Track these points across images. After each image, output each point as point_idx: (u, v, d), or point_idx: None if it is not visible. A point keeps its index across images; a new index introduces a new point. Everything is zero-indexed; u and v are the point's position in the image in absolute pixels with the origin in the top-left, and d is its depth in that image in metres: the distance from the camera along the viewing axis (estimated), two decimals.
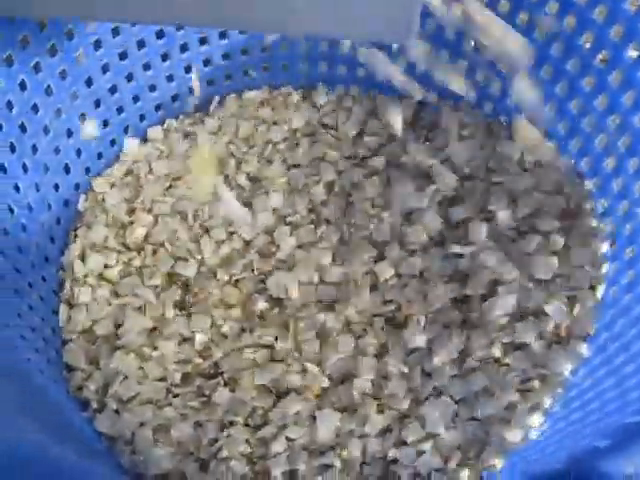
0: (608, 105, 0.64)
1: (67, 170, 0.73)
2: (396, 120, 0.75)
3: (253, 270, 0.71)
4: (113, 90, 0.75)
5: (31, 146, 0.67)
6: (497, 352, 0.63)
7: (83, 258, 0.72)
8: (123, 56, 0.73)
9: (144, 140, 0.80)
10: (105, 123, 0.76)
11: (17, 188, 0.66)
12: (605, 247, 0.66)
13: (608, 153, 0.66)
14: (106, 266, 0.72)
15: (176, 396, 0.65)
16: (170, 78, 0.79)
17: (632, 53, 0.60)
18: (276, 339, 0.67)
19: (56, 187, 0.72)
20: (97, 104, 0.74)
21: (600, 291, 0.65)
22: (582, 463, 0.43)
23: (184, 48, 0.77)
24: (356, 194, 0.74)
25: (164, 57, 0.76)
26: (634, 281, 0.62)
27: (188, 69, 0.79)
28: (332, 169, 0.76)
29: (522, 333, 0.63)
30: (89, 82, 0.71)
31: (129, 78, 0.75)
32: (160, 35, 0.74)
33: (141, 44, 0.73)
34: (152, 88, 0.78)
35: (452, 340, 0.64)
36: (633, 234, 0.63)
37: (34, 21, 0.62)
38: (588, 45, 0.64)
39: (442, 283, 0.67)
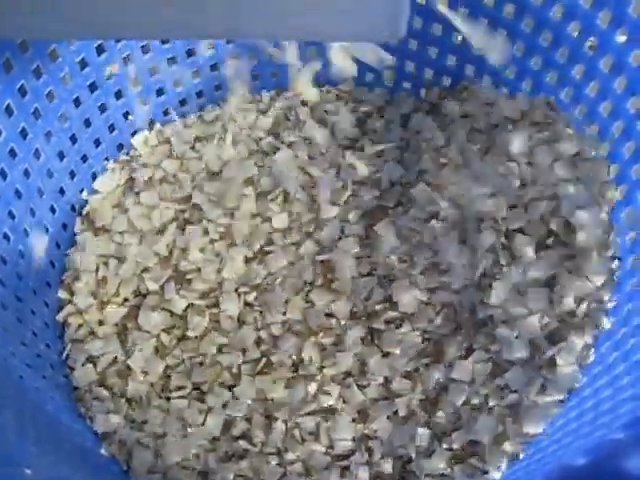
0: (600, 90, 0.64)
1: (62, 192, 0.73)
2: None
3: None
4: (103, 108, 0.74)
5: (23, 171, 0.66)
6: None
7: (82, 281, 0.72)
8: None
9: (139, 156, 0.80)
10: (97, 142, 0.76)
11: (12, 215, 0.65)
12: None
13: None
14: (104, 289, 0.71)
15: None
16: (160, 92, 0.79)
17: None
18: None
19: (52, 210, 0.71)
20: (87, 124, 0.73)
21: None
22: (598, 459, 0.42)
23: (172, 60, 0.76)
24: None
25: (152, 72, 0.76)
26: None
27: (177, 83, 0.79)
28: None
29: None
30: (77, 102, 0.71)
31: (118, 95, 0.75)
32: (146, 50, 0.73)
33: (127, 60, 0.73)
34: (143, 102, 0.78)
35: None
36: None
37: (16, 42, 0.61)
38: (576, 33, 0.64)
39: None
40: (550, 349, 0.61)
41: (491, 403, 0.61)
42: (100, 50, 0.70)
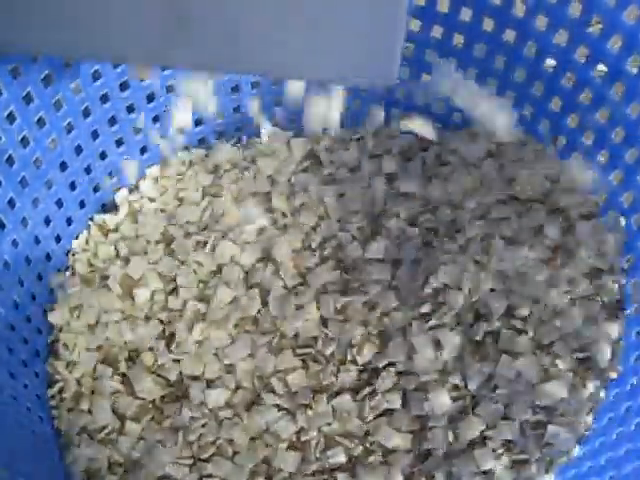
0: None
1: (49, 258, 0.71)
2: None
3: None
4: (88, 170, 0.73)
5: (11, 242, 0.65)
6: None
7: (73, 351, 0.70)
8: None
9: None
10: (82, 204, 0.75)
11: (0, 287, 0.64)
12: None
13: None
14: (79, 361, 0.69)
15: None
16: (143, 150, 0.78)
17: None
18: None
19: (39, 278, 0.70)
20: (73, 187, 0.72)
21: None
22: None
23: (156, 119, 0.76)
24: None
25: (135, 132, 0.75)
26: None
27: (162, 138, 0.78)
28: None
29: None
30: (64, 166, 0.70)
31: (102, 156, 0.74)
32: (130, 110, 0.73)
33: (112, 121, 0.73)
34: (143, 150, 0.78)
35: None
36: None
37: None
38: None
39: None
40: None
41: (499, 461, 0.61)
42: (86, 113, 0.69)
